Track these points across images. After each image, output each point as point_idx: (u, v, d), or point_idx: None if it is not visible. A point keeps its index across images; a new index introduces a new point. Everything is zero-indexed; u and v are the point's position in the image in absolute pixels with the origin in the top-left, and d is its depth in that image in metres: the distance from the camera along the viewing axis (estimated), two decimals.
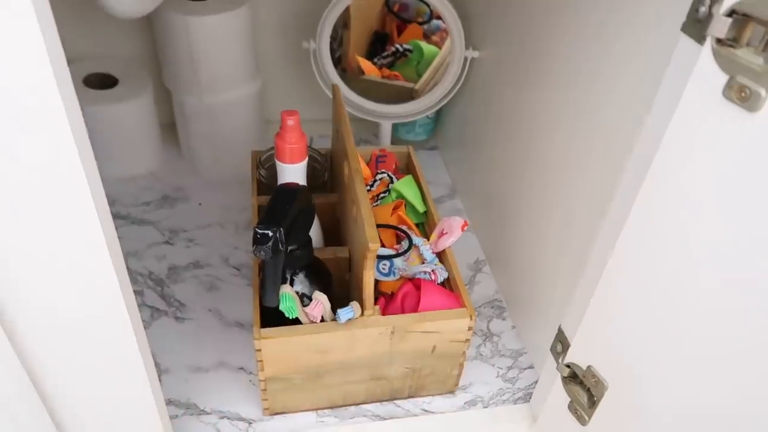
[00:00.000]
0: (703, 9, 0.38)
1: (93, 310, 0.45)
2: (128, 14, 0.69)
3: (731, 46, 0.37)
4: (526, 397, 0.71)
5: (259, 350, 0.59)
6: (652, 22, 0.50)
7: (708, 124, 0.39)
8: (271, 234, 0.52)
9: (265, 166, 0.78)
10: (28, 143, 0.35)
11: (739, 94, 0.36)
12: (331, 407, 0.68)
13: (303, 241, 0.59)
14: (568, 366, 0.58)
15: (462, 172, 0.98)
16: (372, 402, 0.69)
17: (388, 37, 1.03)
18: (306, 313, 0.59)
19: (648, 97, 0.45)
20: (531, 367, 0.74)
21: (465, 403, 0.70)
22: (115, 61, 0.95)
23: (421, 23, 1.02)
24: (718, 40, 0.37)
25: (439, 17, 0.94)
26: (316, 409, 0.68)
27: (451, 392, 0.70)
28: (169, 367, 0.71)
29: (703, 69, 0.38)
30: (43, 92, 0.33)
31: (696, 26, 0.40)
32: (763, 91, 0.35)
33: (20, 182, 0.37)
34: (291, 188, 0.58)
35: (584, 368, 0.56)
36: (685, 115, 0.41)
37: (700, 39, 0.39)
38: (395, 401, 0.69)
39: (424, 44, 1.00)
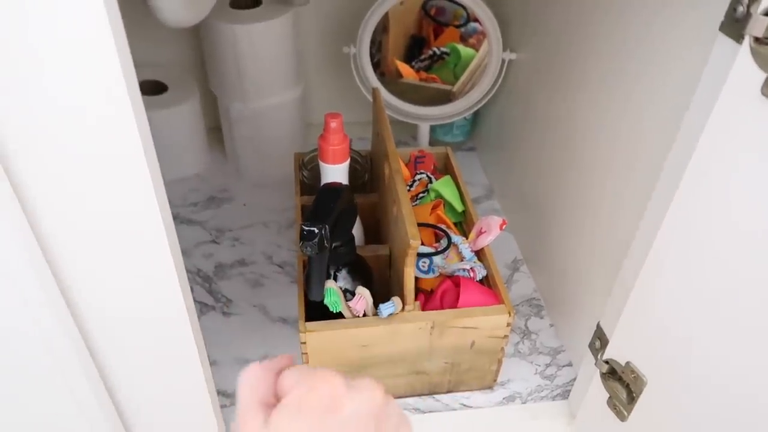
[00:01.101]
0: (741, 9, 0.39)
1: (155, 306, 0.49)
2: (180, 23, 0.72)
3: None
4: (564, 394, 0.72)
5: (304, 343, 0.62)
6: (690, 23, 0.51)
7: (746, 121, 0.40)
8: (317, 231, 0.54)
9: (307, 167, 0.81)
10: (100, 147, 0.38)
11: None
12: None
13: (346, 238, 0.62)
14: (606, 362, 0.59)
15: (499, 173, 0.99)
16: (412, 396, 0.71)
17: (426, 41, 1.05)
18: (349, 308, 0.61)
19: (687, 98, 0.46)
20: (569, 364, 0.75)
21: (503, 398, 0.71)
22: (164, 68, 0.99)
23: (458, 26, 1.03)
24: (756, 39, 0.38)
25: (476, 20, 0.95)
26: None
27: (490, 388, 0.72)
28: (218, 359, 0.74)
29: (741, 67, 0.39)
30: (117, 102, 0.37)
31: (734, 25, 0.40)
32: None
33: (94, 189, 0.40)
34: (335, 187, 0.61)
35: (623, 364, 0.57)
36: (724, 113, 0.41)
37: (738, 38, 0.40)
38: (434, 395, 0.71)
39: (461, 47, 1.02)
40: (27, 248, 0.40)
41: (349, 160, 0.68)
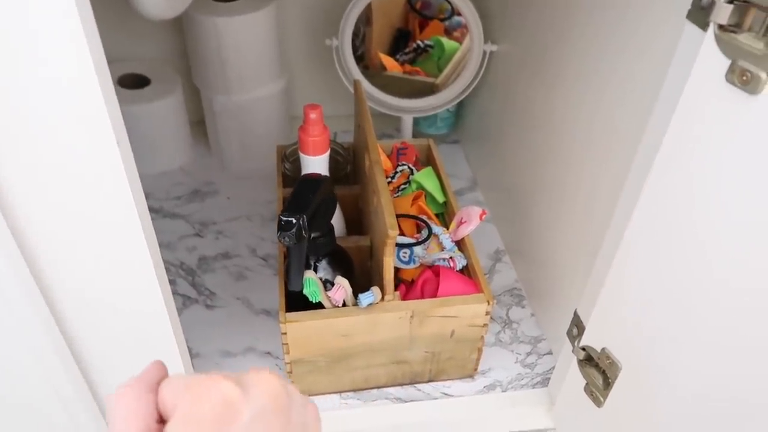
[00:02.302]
0: None
1: (133, 298, 0.49)
2: (159, 15, 0.72)
3: (733, 31, 0.38)
4: (545, 383, 0.72)
5: (285, 333, 0.62)
6: (660, 11, 0.51)
7: (711, 107, 0.40)
8: (294, 221, 0.55)
9: (290, 159, 0.81)
10: (74, 141, 0.39)
11: (741, 78, 0.38)
12: (354, 390, 0.71)
13: (325, 228, 0.62)
14: (583, 349, 0.59)
15: (482, 164, 1.00)
16: (393, 385, 0.71)
17: (411, 34, 1.05)
18: (328, 297, 0.61)
19: (658, 87, 0.46)
20: (549, 353, 0.76)
21: (484, 387, 0.72)
22: (146, 62, 0.99)
23: (442, 20, 1.04)
24: (721, 26, 0.39)
25: (459, 14, 0.95)
26: (340, 392, 0.71)
27: (471, 377, 0.72)
28: (200, 352, 0.75)
29: (706, 54, 0.40)
30: (88, 94, 0.37)
31: (700, 13, 0.41)
32: (763, 75, 0.37)
33: (69, 182, 0.40)
34: (314, 178, 0.61)
35: (599, 350, 0.57)
36: (690, 100, 0.42)
37: (703, 26, 0.40)
38: (416, 385, 0.72)
39: (445, 40, 1.02)
40: (3, 243, 0.40)
41: (329, 151, 0.69)
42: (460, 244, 0.72)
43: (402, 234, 0.72)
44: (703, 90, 0.41)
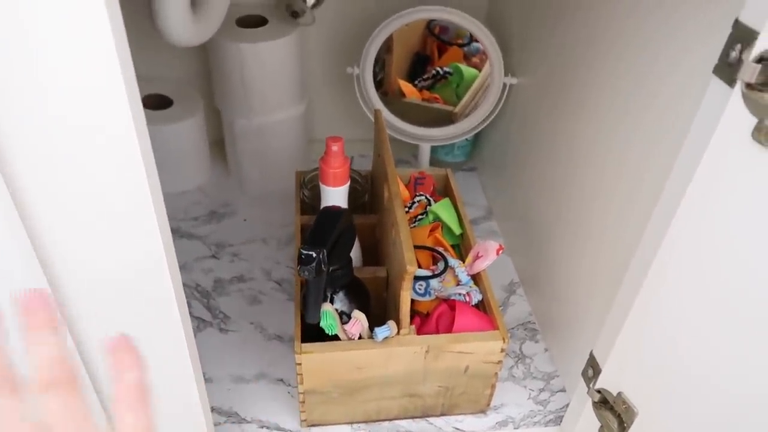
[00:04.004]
0: (734, 54, 0.40)
1: (151, 322, 0.49)
2: (187, 43, 0.73)
3: (760, 90, 0.38)
4: (557, 420, 0.72)
5: (299, 364, 0.62)
6: (686, 61, 0.51)
7: (736, 164, 0.40)
8: (314, 255, 0.55)
9: (308, 186, 0.82)
10: (103, 162, 0.39)
11: (767, 137, 0.38)
12: (366, 421, 0.71)
13: (344, 261, 0.62)
14: (599, 391, 0.59)
15: (499, 194, 1.00)
16: (405, 418, 0.71)
17: (429, 59, 1.06)
18: (345, 331, 0.61)
19: (680, 132, 0.46)
20: (563, 390, 0.75)
21: (496, 423, 0.71)
22: (169, 83, 1.01)
23: (461, 45, 1.05)
24: (748, 85, 0.39)
25: (478, 41, 0.96)
26: (351, 423, 0.70)
27: (483, 412, 0.72)
28: (213, 377, 0.75)
29: (733, 111, 0.40)
30: (118, 114, 0.37)
31: (727, 70, 0.41)
32: None
33: (93, 202, 0.41)
34: (334, 211, 0.62)
35: (615, 394, 0.57)
36: (715, 153, 0.42)
37: (730, 82, 0.41)
38: (428, 418, 0.71)
39: (464, 67, 1.03)
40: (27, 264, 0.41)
41: (348, 182, 0.69)
42: (475, 277, 0.72)
43: (418, 267, 0.72)
44: (728, 146, 0.41)
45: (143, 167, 0.40)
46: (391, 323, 0.62)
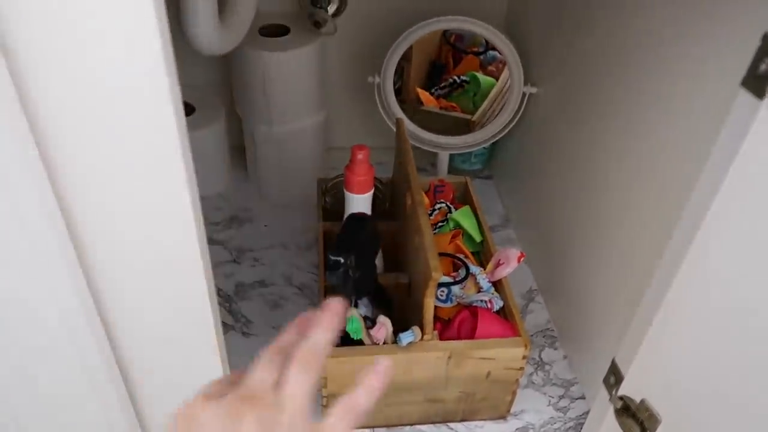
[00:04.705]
0: (763, 66, 0.41)
1: (185, 325, 0.50)
2: (214, 52, 0.75)
3: None
4: (577, 428, 0.72)
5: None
6: (712, 74, 0.52)
7: (765, 175, 0.41)
8: (342, 261, 0.56)
9: (330, 193, 0.83)
10: (145, 166, 0.41)
11: None
12: (387, 426, 0.71)
13: (369, 267, 0.63)
14: (621, 398, 0.59)
15: (516, 202, 1.01)
16: (426, 423, 0.72)
17: (445, 67, 1.07)
18: (370, 336, 0.62)
19: (706, 143, 0.47)
20: (582, 397, 0.76)
21: (516, 429, 0.72)
22: (191, 89, 1.02)
23: (477, 54, 1.06)
24: None
25: (494, 48, 0.97)
26: (373, 427, 0.71)
27: (503, 418, 0.73)
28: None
29: (762, 123, 0.41)
30: (162, 117, 0.39)
31: (756, 82, 0.42)
32: None
33: (133, 200, 0.42)
34: (360, 218, 0.63)
35: (638, 401, 0.57)
36: (743, 166, 0.43)
37: (760, 94, 0.41)
38: (448, 423, 0.72)
39: (480, 75, 1.04)
40: (64, 252, 0.42)
41: (373, 190, 0.70)
42: (496, 284, 0.73)
43: None
44: (757, 157, 0.41)
45: (184, 170, 0.41)
46: (415, 329, 0.63)
